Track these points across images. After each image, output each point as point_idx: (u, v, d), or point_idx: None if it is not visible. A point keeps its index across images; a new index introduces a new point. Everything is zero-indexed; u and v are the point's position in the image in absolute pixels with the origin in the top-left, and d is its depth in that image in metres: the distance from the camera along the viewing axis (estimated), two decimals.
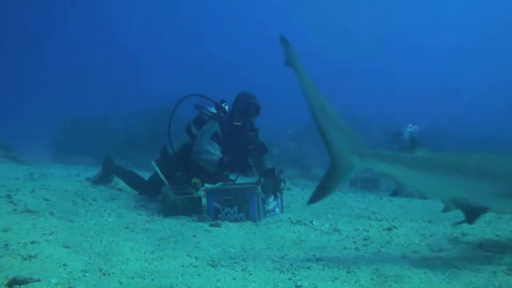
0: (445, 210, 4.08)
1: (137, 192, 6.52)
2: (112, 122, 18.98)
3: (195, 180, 5.75)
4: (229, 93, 6.15)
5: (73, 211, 4.78)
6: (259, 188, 5.23)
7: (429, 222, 5.27)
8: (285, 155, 15.18)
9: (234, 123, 5.79)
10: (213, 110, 6.05)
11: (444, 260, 3.36)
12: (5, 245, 3.10)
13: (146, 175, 6.66)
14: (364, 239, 4.25)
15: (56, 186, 6.19)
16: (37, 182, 6.63)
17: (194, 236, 4.02)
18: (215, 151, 5.56)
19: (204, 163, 5.62)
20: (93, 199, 5.60)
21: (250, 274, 2.99)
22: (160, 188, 5.68)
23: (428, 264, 3.29)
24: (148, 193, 6.31)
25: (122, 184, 6.97)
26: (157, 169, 5.80)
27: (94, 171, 8.80)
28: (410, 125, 13.98)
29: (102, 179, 7.11)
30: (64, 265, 2.84)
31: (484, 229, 4.78)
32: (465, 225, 4.92)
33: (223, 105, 6.04)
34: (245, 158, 5.64)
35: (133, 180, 6.77)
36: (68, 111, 20.24)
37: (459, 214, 5.64)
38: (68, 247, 3.27)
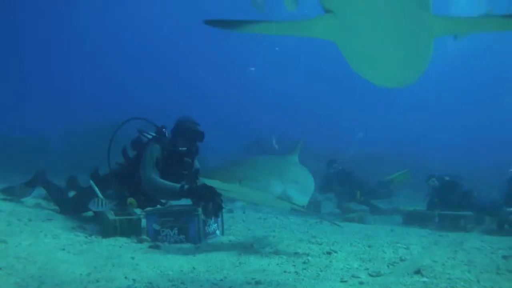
0: None
1: (59, 209, 6.43)
2: (49, 139, 18.64)
3: (130, 200, 5.70)
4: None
5: (7, 231, 4.62)
6: (199, 210, 5.23)
7: (369, 246, 5.37)
8: None
9: (180, 148, 5.82)
10: (153, 134, 6.07)
11: (382, 285, 3.44)
12: None
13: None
14: (304, 262, 4.30)
15: None
16: None
17: (132, 258, 3.96)
18: (163, 181, 5.56)
19: (158, 193, 5.61)
20: (29, 220, 5.43)
21: None
22: (84, 206, 5.60)
23: None
24: (71, 210, 6.22)
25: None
26: (96, 188, 5.70)
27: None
28: None
29: (19, 188, 6.95)
30: None
31: (421, 255, 4.93)
32: (403, 250, 5.12)
33: (163, 130, 6.08)
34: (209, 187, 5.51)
35: (61, 196, 6.68)
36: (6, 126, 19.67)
37: (399, 240, 5.87)
38: (0, 268, 3.17)
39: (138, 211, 5.81)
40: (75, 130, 19.13)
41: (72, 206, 6.28)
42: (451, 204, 9.23)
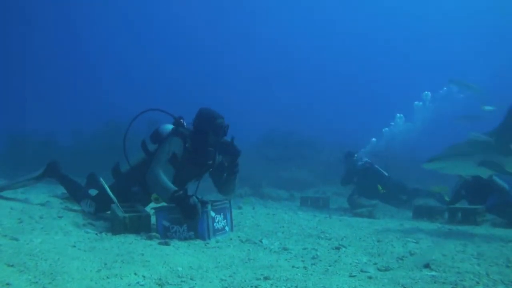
0: None
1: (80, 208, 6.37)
2: (59, 138, 18.75)
3: (154, 195, 5.63)
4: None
5: (19, 229, 4.67)
6: (209, 206, 5.24)
7: (378, 241, 5.38)
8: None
9: (204, 141, 5.79)
10: (170, 126, 6.00)
11: (391, 279, 3.45)
12: None
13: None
14: (313, 258, 4.32)
15: (0, 204, 6.03)
16: None
17: (142, 254, 3.99)
18: (166, 179, 5.46)
19: (155, 190, 5.52)
20: (40, 217, 5.47)
21: None
22: (107, 205, 5.59)
23: (375, 283, 3.37)
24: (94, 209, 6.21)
25: (70, 202, 6.84)
26: (106, 186, 5.71)
27: (42, 188, 8.62)
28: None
29: (32, 178, 6.90)
30: (8, 284, 2.79)
31: (431, 249, 4.93)
32: (413, 244, 5.12)
33: (181, 120, 5.99)
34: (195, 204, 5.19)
35: (78, 193, 6.59)
36: (15, 127, 19.82)
37: (409, 234, 5.87)
38: (12, 266, 3.20)
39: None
40: (83, 130, 19.19)
41: (96, 206, 6.18)
42: (478, 201, 8.85)
